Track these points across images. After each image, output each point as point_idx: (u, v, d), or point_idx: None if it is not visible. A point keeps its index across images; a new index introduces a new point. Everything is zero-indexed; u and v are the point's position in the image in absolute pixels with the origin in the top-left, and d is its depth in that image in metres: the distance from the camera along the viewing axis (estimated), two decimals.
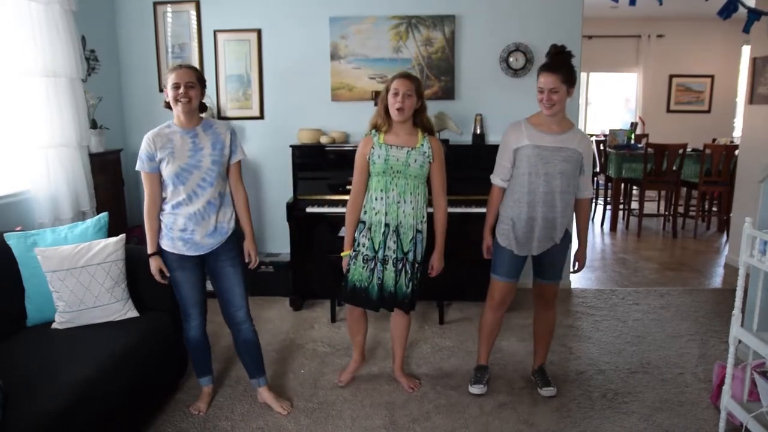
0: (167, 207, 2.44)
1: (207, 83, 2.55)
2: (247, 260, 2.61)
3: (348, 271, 2.68)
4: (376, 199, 2.60)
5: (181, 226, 2.42)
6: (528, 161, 2.54)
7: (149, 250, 2.46)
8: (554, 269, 2.70)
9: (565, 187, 2.54)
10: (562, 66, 2.48)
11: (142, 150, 2.40)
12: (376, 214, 2.60)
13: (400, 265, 2.63)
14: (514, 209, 2.61)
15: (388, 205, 2.58)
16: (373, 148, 2.58)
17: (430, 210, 2.69)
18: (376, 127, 2.62)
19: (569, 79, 2.48)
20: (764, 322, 2.51)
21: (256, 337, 2.65)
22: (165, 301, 2.71)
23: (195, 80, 2.40)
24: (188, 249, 2.45)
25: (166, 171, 2.39)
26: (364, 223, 2.65)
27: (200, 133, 2.45)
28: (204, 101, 2.49)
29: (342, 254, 2.71)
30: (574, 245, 2.79)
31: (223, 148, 2.48)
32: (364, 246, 2.63)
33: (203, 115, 2.54)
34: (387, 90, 2.55)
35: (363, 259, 2.64)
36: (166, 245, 2.46)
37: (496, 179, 2.68)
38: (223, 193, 2.50)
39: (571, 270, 2.81)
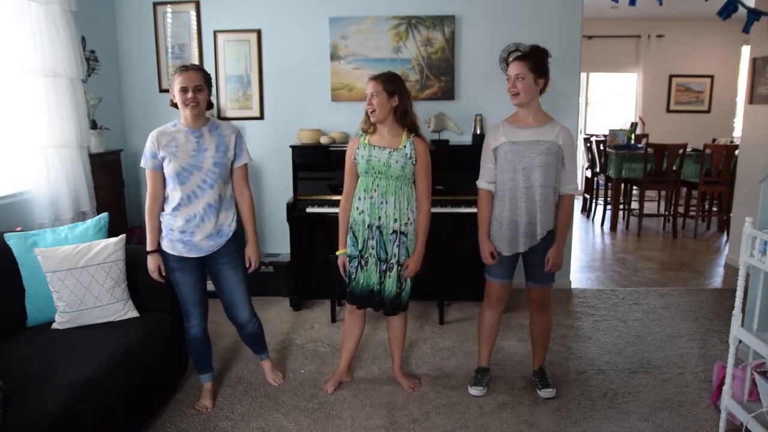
0: (167, 208, 2.45)
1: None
2: (247, 265, 2.63)
3: (345, 270, 2.70)
4: (359, 199, 2.63)
5: (180, 228, 2.43)
6: (506, 158, 2.55)
7: (148, 248, 2.49)
8: (541, 271, 2.65)
9: (544, 181, 2.53)
10: (532, 57, 2.53)
11: (146, 147, 2.42)
12: (360, 213, 2.63)
13: (384, 266, 2.63)
14: (498, 208, 2.62)
15: (371, 206, 2.60)
16: (358, 148, 2.62)
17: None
18: (363, 130, 2.65)
19: (537, 67, 2.50)
20: (764, 322, 2.51)
21: (261, 330, 2.79)
22: (165, 301, 2.71)
23: (202, 82, 2.39)
24: (188, 251, 2.46)
25: (168, 169, 2.40)
26: (360, 225, 2.67)
27: (206, 133, 2.46)
28: (210, 100, 2.51)
29: (337, 253, 2.72)
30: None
31: (227, 150, 2.48)
32: (353, 245, 2.66)
33: (209, 113, 2.54)
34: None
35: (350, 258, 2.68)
36: (165, 246, 2.48)
37: (481, 182, 2.68)
38: (223, 196, 2.50)
39: (545, 269, 2.64)
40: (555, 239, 2.62)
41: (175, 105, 2.43)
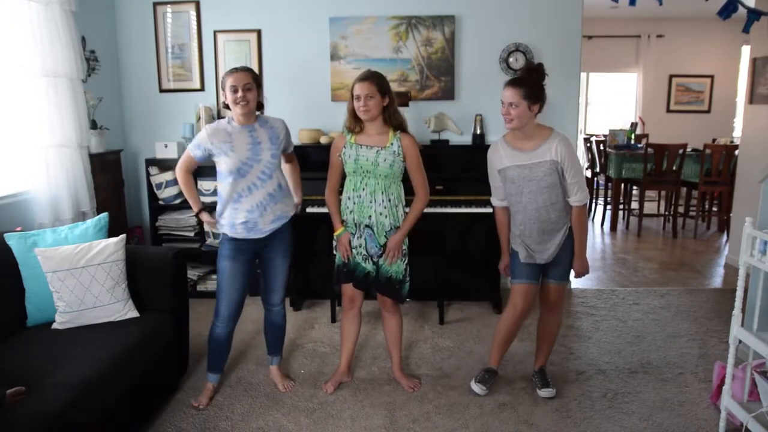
0: (229, 205, 2.58)
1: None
2: (292, 212, 2.77)
3: (348, 249, 2.67)
4: (348, 199, 2.64)
5: (242, 219, 2.57)
6: (512, 182, 2.58)
7: (195, 209, 2.69)
8: (558, 268, 2.68)
9: (554, 198, 2.55)
10: (526, 82, 2.46)
11: (199, 139, 2.56)
12: (350, 213, 2.64)
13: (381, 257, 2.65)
14: (515, 223, 2.66)
15: (359, 204, 2.60)
16: (345, 147, 2.62)
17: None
18: (349, 129, 2.65)
19: (532, 94, 2.44)
20: (764, 322, 2.51)
21: (284, 322, 2.90)
22: (165, 301, 2.72)
23: (252, 82, 2.53)
24: (250, 233, 2.60)
25: (226, 165, 2.53)
26: (351, 225, 2.67)
27: (258, 128, 2.61)
28: (260, 100, 2.65)
29: (336, 233, 2.70)
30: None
31: (280, 141, 2.66)
32: (360, 246, 2.65)
33: (258, 112, 2.68)
34: (351, 94, 2.57)
35: (362, 258, 2.66)
36: (227, 231, 2.61)
37: (494, 200, 2.74)
38: (282, 185, 2.67)
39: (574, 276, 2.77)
40: (576, 250, 2.65)
41: (226, 106, 2.58)
